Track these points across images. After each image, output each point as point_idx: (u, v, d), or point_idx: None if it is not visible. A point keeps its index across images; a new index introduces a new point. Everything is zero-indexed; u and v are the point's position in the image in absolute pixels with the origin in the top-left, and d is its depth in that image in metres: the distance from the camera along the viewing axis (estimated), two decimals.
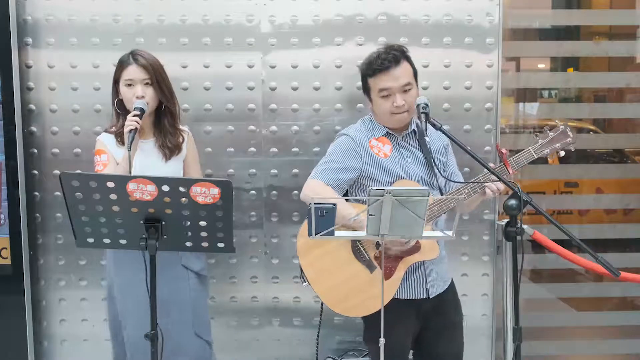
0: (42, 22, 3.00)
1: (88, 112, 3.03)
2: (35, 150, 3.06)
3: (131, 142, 2.32)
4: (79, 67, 3.02)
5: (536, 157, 2.47)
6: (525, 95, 4.56)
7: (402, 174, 2.42)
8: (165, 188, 1.92)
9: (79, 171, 2.84)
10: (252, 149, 3.08)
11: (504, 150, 2.42)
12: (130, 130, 2.33)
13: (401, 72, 2.38)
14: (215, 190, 1.94)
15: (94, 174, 2.07)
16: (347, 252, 2.40)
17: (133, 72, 2.47)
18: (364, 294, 2.37)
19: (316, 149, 3.07)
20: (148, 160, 2.50)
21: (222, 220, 2.00)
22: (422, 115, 2.20)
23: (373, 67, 2.39)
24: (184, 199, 1.95)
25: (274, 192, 3.11)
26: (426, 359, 2.60)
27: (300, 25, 3.04)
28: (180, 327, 2.53)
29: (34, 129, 3.05)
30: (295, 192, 3.09)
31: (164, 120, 2.56)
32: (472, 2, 3.05)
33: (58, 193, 3.02)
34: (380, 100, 2.40)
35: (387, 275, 2.38)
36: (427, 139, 2.25)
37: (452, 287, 2.61)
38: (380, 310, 2.31)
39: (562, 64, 5.24)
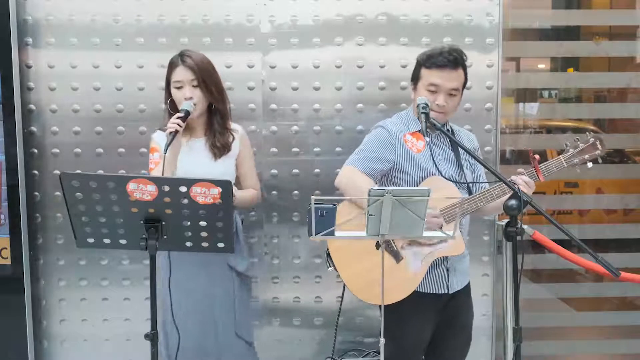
0: (42, 22, 3.00)
1: (88, 112, 3.04)
2: (35, 150, 3.06)
3: (169, 145, 2.29)
4: (79, 67, 3.02)
5: (566, 167, 2.48)
6: (525, 95, 4.55)
7: (433, 171, 2.45)
8: (166, 188, 1.92)
9: (79, 171, 2.85)
10: (252, 149, 3.07)
11: (536, 157, 2.43)
12: (170, 133, 2.31)
13: (455, 76, 2.43)
14: (216, 191, 1.94)
15: (94, 174, 2.06)
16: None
17: (180, 73, 2.47)
18: (386, 283, 2.35)
19: (316, 149, 3.08)
20: (197, 159, 2.50)
21: (222, 220, 2.00)
22: (422, 116, 2.22)
23: (432, 60, 2.43)
24: (184, 199, 1.95)
25: (274, 192, 3.11)
26: (437, 353, 2.61)
27: (300, 25, 3.04)
28: (222, 326, 2.55)
29: (34, 129, 3.05)
30: (296, 192, 3.10)
31: (214, 120, 2.56)
32: (472, 2, 3.05)
33: (58, 193, 3.02)
34: (425, 93, 2.44)
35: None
36: (456, 138, 2.29)
37: (469, 285, 2.64)
38: (399, 302, 2.35)
39: (562, 64, 5.23)
